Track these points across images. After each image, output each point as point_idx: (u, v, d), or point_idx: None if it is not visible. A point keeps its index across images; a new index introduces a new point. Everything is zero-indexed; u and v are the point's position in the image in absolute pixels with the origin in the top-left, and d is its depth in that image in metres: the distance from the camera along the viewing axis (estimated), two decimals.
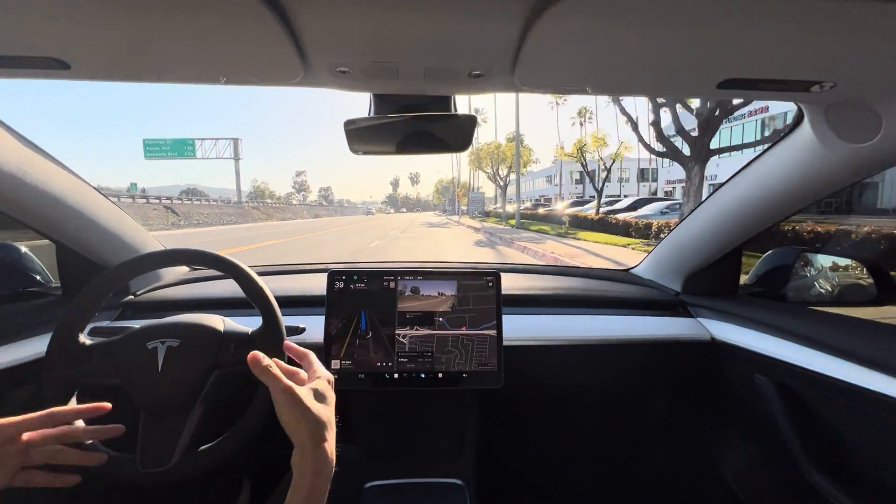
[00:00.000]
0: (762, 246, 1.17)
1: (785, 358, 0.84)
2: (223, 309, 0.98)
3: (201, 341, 0.72)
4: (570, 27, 0.46)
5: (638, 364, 1.09)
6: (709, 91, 0.61)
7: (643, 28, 0.46)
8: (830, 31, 0.46)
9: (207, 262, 0.78)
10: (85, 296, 0.72)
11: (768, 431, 0.89)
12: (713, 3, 0.42)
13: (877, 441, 0.73)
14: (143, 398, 0.68)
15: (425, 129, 0.80)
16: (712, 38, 0.48)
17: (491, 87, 0.64)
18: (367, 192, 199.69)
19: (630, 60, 0.53)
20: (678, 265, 1.18)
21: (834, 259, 1.03)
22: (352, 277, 0.93)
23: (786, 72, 0.55)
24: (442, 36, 0.49)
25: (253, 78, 0.59)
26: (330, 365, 0.89)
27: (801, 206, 0.88)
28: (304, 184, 69.67)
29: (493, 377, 0.90)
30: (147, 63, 0.54)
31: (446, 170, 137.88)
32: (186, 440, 0.67)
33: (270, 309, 0.74)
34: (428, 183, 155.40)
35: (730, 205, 1.00)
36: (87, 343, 0.71)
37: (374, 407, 1.10)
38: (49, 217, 0.89)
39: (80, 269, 1.01)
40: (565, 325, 1.06)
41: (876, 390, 0.68)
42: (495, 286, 0.94)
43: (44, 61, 0.52)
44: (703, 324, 1.08)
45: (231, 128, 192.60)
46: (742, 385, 0.99)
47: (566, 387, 1.23)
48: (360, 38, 0.49)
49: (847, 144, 0.70)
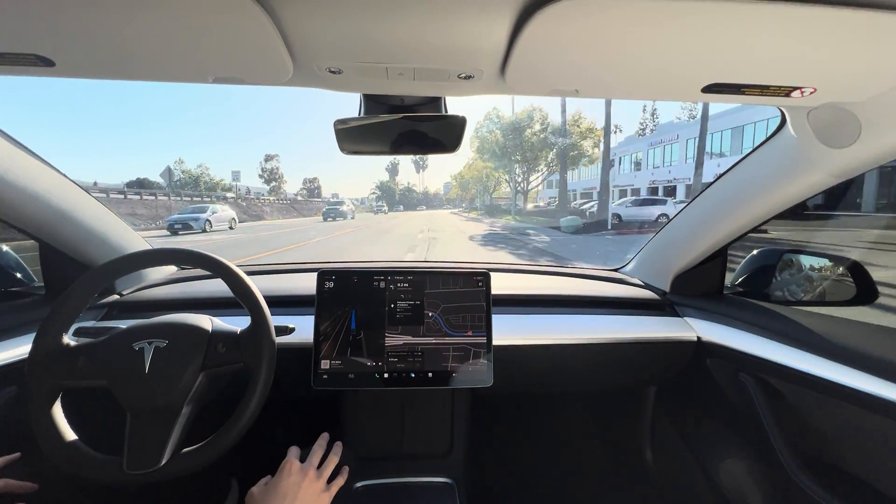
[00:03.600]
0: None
1: (769, 357, 0.86)
2: (211, 308, 0.97)
3: (189, 342, 0.72)
4: (559, 31, 0.46)
5: (626, 363, 1.11)
6: (694, 95, 0.62)
7: (631, 33, 0.47)
8: (810, 38, 0.47)
9: (195, 261, 0.78)
10: (69, 295, 0.70)
11: (753, 429, 0.90)
12: (698, 10, 0.43)
13: (858, 438, 0.75)
14: (129, 399, 0.67)
15: (416, 129, 0.80)
16: (697, 43, 0.49)
17: (481, 88, 0.64)
18: (366, 188, 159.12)
19: (618, 64, 0.54)
20: (665, 265, 1.20)
21: (815, 259, 1.05)
22: (342, 277, 0.93)
23: (767, 77, 0.56)
24: (432, 38, 0.49)
25: (242, 77, 0.58)
26: (319, 365, 0.89)
27: (784, 207, 0.90)
28: (276, 172, 52.55)
29: (482, 377, 0.90)
30: (133, 61, 0.54)
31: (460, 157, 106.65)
32: (174, 442, 0.66)
33: (259, 308, 0.74)
34: (437, 170, 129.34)
35: (715, 206, 1.02)
36: (71, 344, 0.69)
37: (363, 407, 1.10)
38: (32, 215, 0.87)
39: (65, 268, 0.99)
40: (554, 325, 1.07)
41: (857, 388, 0.70)
42: (485, 286, 0.94)
43: (28, 58, 0.51)
44: (689, 323, 1.09)
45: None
46: (727, 384, 1.01)
47: (555, 386, 1.24)
48: (351, 38, 0.49)
49: (828, 148, 0.72)
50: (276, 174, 52.50)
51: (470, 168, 40.69)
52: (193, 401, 0.70)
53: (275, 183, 52.56)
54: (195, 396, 0.70)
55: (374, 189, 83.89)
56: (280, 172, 52.60)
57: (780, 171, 0.83)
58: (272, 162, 53.65)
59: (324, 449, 0.76)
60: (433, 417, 1.11)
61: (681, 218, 1.14)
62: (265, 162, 54.14)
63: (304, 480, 0.67)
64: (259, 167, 53.64)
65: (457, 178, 48.37)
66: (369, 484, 0.99)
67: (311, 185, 67.16)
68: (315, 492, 0.68)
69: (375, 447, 1.07)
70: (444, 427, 1.11)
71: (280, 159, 56.25)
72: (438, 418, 1.11)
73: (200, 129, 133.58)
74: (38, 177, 0.84)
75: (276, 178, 52.81)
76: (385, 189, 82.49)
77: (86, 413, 0.74)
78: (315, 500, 0.67)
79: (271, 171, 52.57)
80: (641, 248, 1.33)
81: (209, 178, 44.08)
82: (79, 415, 0.68)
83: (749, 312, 1.00)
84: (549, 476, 1.39)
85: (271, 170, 52.69)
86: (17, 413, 0.81)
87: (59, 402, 0.67)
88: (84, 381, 0.68)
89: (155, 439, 0.66)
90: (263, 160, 53.73)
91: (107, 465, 0.64)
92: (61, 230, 0.94)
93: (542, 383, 1.18)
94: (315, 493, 0.67)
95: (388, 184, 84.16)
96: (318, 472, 0.71)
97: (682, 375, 1.14)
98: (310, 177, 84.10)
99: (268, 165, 53.54)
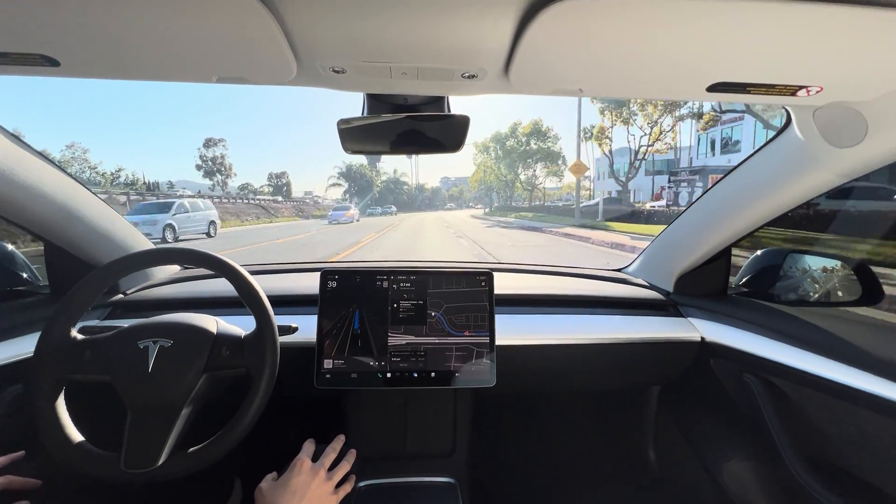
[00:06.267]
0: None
1: (773, 357, 0.86)
2: (214, 308, 0.98)
3: (194, 343, 0.72)
4: (563, 30, 0.46)
5: (629, 364, 1.10)
6: (699, 94, 0.62)
7: (635, 32, 0.47)
8: (816, 36, 0.47)
9: (199, 261, 0.78)
10: (77, 291, 0.71)
11: (756, 430, 0.90)
12: (703, 9, 0.43)
13: (863, 439, 0.74)
14: (131, 397, 0.67)
15: (419, 128, 0.80)
16: (702, 42, 0.48)
17: (484, 88, 0.64)
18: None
19: (622, 63, 0.54)
20: (669, 265, 1.19)
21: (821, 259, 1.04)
22: (345, 277, 0.93)
23: (773, 76, 0.56)
24: (436, 37, 0.49)
25: (246, 77, 0.58)
26: (322, 364, 0.89)
27: (789, 207, 0.89)
28: (220, 161, 37.36)
29: (485, 377, 0.90)
30: (137, 61, 0.54)
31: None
32: (173, 441, 0.67)
33: (263, 309, 0.74)
34: (431, 161, 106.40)
35: (719, 206, 1.01)
36: (78, 338, 0.70)
37: (366, 406, 1.10)
38: (37, 215, 0.88)
39: (69, 268, 0.99)
40: (557, 326, 1.07)
41: (862, 389, 0.70)
42: (488, 286, 0.94)
43: (33, 58, 0.51)
44: (693, 324, 1.09)
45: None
46: (731, 384, 1.01)
47: (558, 386, 1.24)
48: (354, 37, 0.49)
49: (834, 147, 0.72)
50: (220, 164, 37.66)
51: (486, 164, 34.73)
52: (194, 401, 0.70)
53: (219, 177, 37.95)
54: (196, 397, 0.70)
55: (336, 177, 50.56)
56: (227, 162, 38.13)
57: (786, 170, 0.83)
58: (216, 149, 37.88)
59: (336, 452, 0.77)
60: (436, 417, 1.11)
61: (685, 218, 1.13)
62: (205, 148, 37.59)
63: (315, 480, 0.68)
64: (197, 155, 37.58)
65: (481, 168, 37.61)
66: (372, 483, 0.99)
67: (279, 180, 49.10)
68: (324, 493, 0.68)
69: (378, 447, 1.07)
70: (446, 427, 1.11)
71: (227, 145, 39.71)
72: (441, 418, 1.11)
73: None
74: (43, 177, 0.84)
75: (221, 171, 37.81)
76: (355, 177, 52.08)
77: (87, 410, 0.74)
78: (323, 502, 0.67)
79: (213, 159, 37.37)
80: (645, 247, 1.33)
81: (94, 170, 30.25)
82: (81, 411, 0.69)
83: (753, 313, 1.00)
84: (551, 476, 1.38)
85: (213, 158, 37.39)
86: (21, 411, 0.82)
87: (63, 396, 0.67)
88: (88, 375, 0.68)
89: (154, 438, 0.66)
90: (203, 146, 37.65)
91: (105, 462, 0.64)
92: (66, 230, 0.94)
93: (545, 383, 1.18)
94: (324, 494, 0.68)
95: (361, 170, 53.08)
96: (329, 474, 0.71)
97: (686, 376, 1.13)
98: (277, 171, 58.49)
99: (209, 153, 37.53)
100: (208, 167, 37.51)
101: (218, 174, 37.88)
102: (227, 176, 38.46)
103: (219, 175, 37.91)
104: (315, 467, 0.70)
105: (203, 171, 37.58)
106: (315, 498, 0.66)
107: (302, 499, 0.64)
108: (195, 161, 37.33)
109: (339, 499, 0.71)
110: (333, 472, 0.73)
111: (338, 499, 0.70)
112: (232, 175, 38.71)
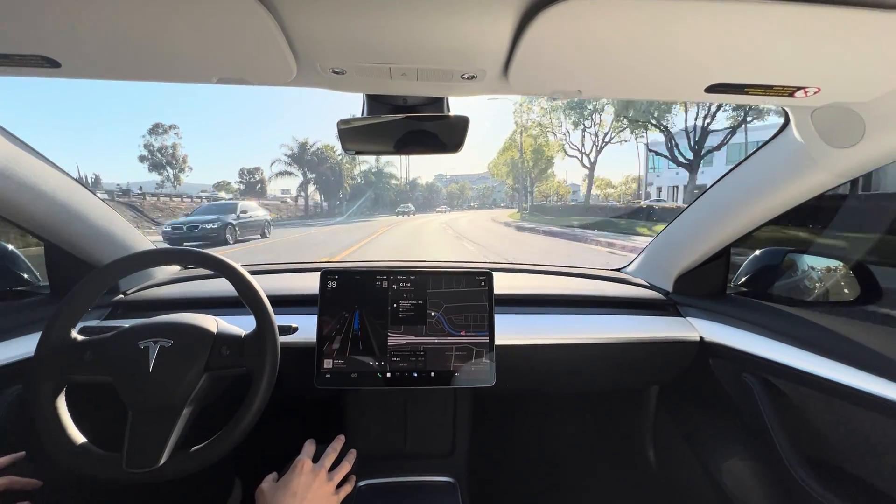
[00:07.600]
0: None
1: (772, 357, 0.86)
2: (214, 308, 0.98)
3: (194, 343, 0.72)
4: (562, 31, 0.46)
5: (628, 364, 1.11)
6: (697, 95, 0.62)
7: (634, 33, 0.47)
8: (814, 38, 0.47)
9: (199, 261, 0.78)
10: (78, 291, 0.71)
11: (756, 429, 0.90)
12: (702, 10, 0.43)
13: (862, 438, 0.74)
14: (132, 397, 0.67)
15: (419, 129, 0.80)
16: (701, 43, 0.49)
17: (484, 88, 0.64)
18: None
19: (621, 64, 0.54)
20: (668, 265, 1.19)
21: (819, 259, 1.05)
22: (344, 277, 0.94)
23: (771, 77, 0.56)
24: (436, 38, 0.49)
25: (246, 77, 0.59)
26: (322, 364, 0.89)
27: (788, 208, 0.89)
28: (170, 151, 29.86)
29: (484, 376, 0.90)
30: (138, 62, 0.54)
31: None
32: (173, 442, 0.67)
33: (263, 309, 0.74)
34: (426, 163, 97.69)
35: (718, 206, 1.01)
36: (79, 339, 0.70)
37: (366, 406, 1.10)
38: (37, 215, 0.88)
39: (69, 268, 0.99)
40: (557, 325, 1.07)
41: (860, 388, 0.70)
42: (488, 286, 0.94)
43: (34, 59, 0.52)
44: (692, 324, 1.09)
45: None
46: (730, 384, 1.01)
47: (557, 386, 1.24)
48: (354, 39, 0.49)
49: (832, 148, 0.72)
50: (170, 155, 29.92)
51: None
52: (195, 402, 0.71)
53: (170, 170, 30.06)
54: (197, 397, 0.71)
55: (287, 161, 35.89)
56: (179, 154, 30.30)
57: (784, 171, 0.83)
58: (165, 137, 29.75)
59: (337, 452, 0.77)
60: (435, 417, 1.11)
61: (684, 218, 1.13)
62: (151, 136, 29.46)
63: (315, 481, 0.68)
64: (141, 144, 29.11)
65: (506, 162, 31.15)
66: (372, 483, 0.99)
67: (251, 177, 36.98)
68: (325, 494, 0.68)
69: (378, 446, 1.07)
70: (446, 426, 1.11)
71: (181, 132, 31.90)
72: (441, 418, 1.11)
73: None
74: (44, 177, 0.84)
75: (172, 163, 29.94)
76: (310, 163, 36.14)
77: (88, 410, 0.74)
78: (324, 503, 0.67)
79: (161, 149, 29.63)
80: (644, 247, 1.33)
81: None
82: (82, 412, 0.69)
83: (752, 312, 1.00)
84: (550, 476, 1.39)
85: (161, 148, 29.62)
86: (22, 411, 0.82)
87: (64, 397, 0.67)
88: (89, 375, 0.68)
89: (155, 438, 0.66)
90: (149, 133, 29.51)
91: (106, 462, 0.64)
92: (67, 230, 0.94)
93: (545, 383, 1.18)
94: (325, 495, 0.68)
95: (324, 152, 36.46)
96: (330, 475, 0.71)
97: (685, 376, 1.13)
98: (249, 167, 42.69)
99: (156, 141, 29.49)
100: (156, 159, 29.98)
101: (168, 167, 30.26)
102: (179, 170, 30.71)
103: (169, 168, 30.28)
104: (316, 468, 0.70)
105: (149, 163, 29.93)
106: (316, 499, 0.66)
107: (303, 500, 0.64)
108: (138, 152, 29.45)
109: (340, 499, 0.71)
110: (334, 472, 0.73)
111: (338, 499, 0.70)
112: (186, 169, 30.99)
